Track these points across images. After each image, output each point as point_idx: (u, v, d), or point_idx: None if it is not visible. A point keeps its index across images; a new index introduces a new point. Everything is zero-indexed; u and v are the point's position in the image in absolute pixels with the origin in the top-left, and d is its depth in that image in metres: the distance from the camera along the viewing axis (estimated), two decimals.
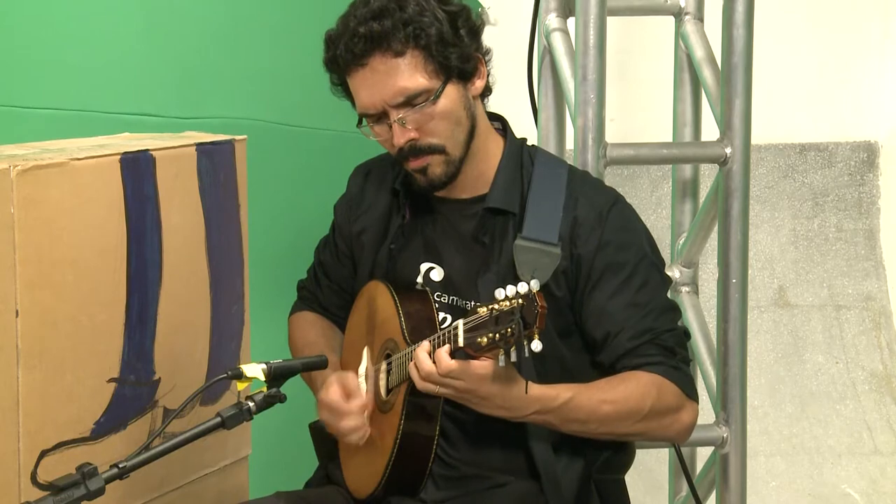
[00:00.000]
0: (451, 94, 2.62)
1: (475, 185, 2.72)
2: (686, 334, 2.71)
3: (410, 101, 2.59)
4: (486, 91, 2.71)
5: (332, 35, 2.65)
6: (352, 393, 2.66)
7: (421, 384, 2.47)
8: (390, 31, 2.56)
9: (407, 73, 2.59)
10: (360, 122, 2.68)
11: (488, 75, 2.70)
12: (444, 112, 2.61)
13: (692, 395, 2.66)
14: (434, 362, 2.44)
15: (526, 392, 2.45)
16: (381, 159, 2.88)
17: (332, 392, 2.66)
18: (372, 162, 2.91)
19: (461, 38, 2.62)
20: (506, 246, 2.66)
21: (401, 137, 2.61)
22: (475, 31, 2.67)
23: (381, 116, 2.63)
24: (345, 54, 2.60)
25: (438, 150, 2.63)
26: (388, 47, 2.57)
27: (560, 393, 2.53)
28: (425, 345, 2.47)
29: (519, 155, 2.74)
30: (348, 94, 2.68)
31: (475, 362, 2.41)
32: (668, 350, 2.63)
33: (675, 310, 2.70)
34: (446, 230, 2.75)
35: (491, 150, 2.73)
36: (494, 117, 2.78)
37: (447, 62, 2.60)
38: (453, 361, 2.41)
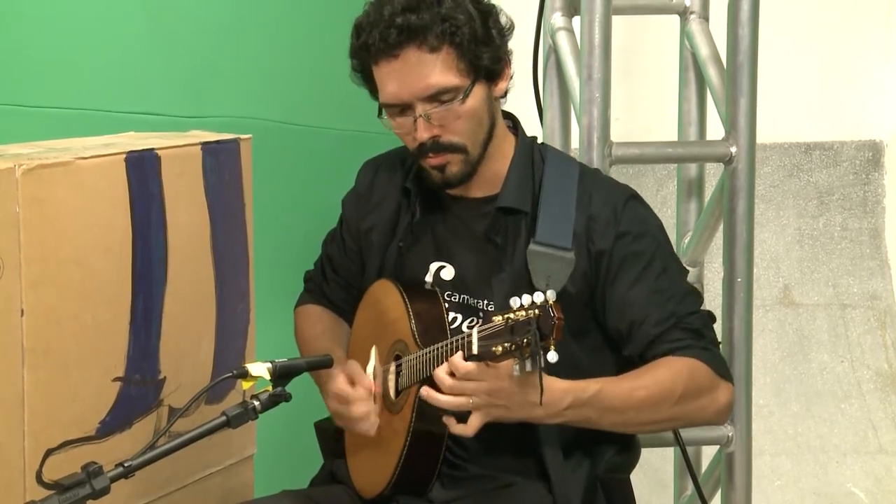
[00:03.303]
0: (478, 94, 2.60)
1: (488, 185, 2.71)
2: (711, 316, 2.69)
3: (439, 97, 2.57)
4: (505, 92, 2.71)
5: (364, 22, 2.60)
6: (357, 379, 2.66)
7: (447, 402, 2.45)
8: (428, 25, 2.54)
9: (439, 70, 2.56)
10: (379, 112, 2.66)
11: (511, 77, 2.69)
12: (470, 112, 2.60)
13: (725, 375, 2.64)
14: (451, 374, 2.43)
15: (542, 391, 2.41)
16: (390, 155, 2.87)
17: (339, 381, 2.66)
18: (381, 158, 2.90)
19: (492, 38, 2.61)
20: (519, 246, 2.65)
21: (424, 132, 2.60)
22: (503, 31, 2.66)
23: (404, 109, 2.60)
24: (378, 43, 2.56)
25: (459, 149, 2.62)
26: (424, 41, 2.55)
27: (588, 385, 2.51)
28: (443, 367, 2.45)
29: (530, 153, 2.73)
30: (369, 83, 2.66)
31: (493, 364, 2.39)
32: (694, 332, 2.61)
33: (696, 293, 2.69)
34: (458, 229, 2.74)
35: (504, 149, 2.72)
36: (505, 115, 2.77)
37: (478, 62, 2.59)
38: (469, 363, 2.40)
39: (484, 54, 2.59)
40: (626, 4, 3.51)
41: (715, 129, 3.44)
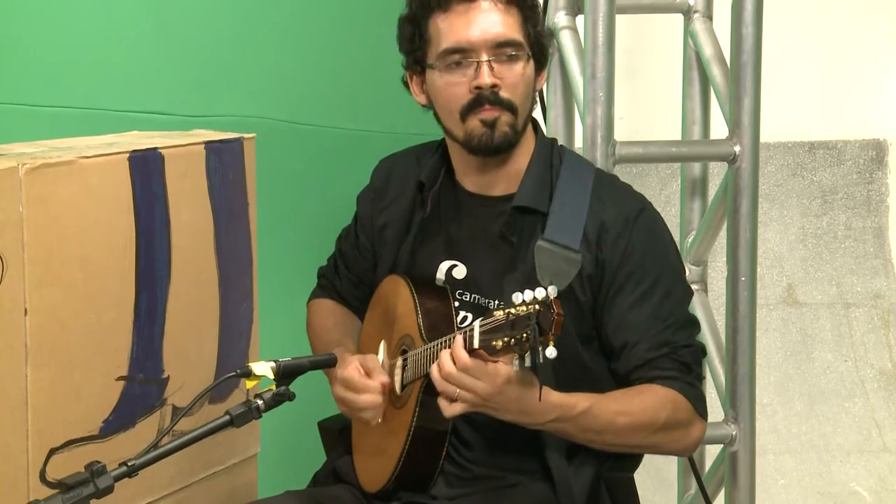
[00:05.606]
0: (531, 68, 2.67)
1: (506, 183, 2.72)
2: (703, 351, 2.70)
3: (506, 48, 2.63)
4: (540, 93, 2.79)
5: None
6: (372, 372, 2.66)
7: (441, 384, 2.46)
8: None
9: (510, 23, 2.65)
10: (423, 69, 2.70)
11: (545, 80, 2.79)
12: (526, 78, 2.66)
13: (702, 413, 2.66)
14: (453, 361, 2.43)
15: (540, 398, 2.42)
16: (406, 153, 2.88)
17: (351, 369, 2.65)
18: (397, 155, 2.91)
19: (543, 30, 2.73)
20: (533, 246, 2.64)
21: (489, 77, 2.62)
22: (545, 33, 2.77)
23: (465, 59, 2.64)
24: None
25: (512, 109, 2.65)
26: None
27: (579, 402, 2.53)
28: (446, 351, 2.45)
29: (549, 155, 2.74)
30: (419, 38, 2.69)
31: (493, 364, 2.40)
32: (684, 366, 2.62)
33: (694, 324, 2.70)
34: (472, 228, 2.74)
35: (527, 145, 2.74)
36: None
37: (533, 38, 2.67)
38: (470, 358, 2.40)
39: (540, 35, 2.69)
40: (629, 3, 3.52)
41: (719, 128, 3.44)
